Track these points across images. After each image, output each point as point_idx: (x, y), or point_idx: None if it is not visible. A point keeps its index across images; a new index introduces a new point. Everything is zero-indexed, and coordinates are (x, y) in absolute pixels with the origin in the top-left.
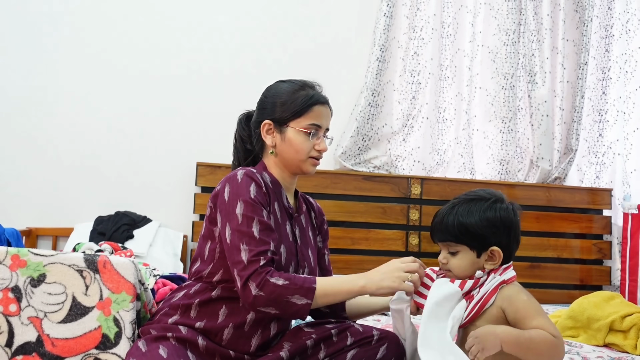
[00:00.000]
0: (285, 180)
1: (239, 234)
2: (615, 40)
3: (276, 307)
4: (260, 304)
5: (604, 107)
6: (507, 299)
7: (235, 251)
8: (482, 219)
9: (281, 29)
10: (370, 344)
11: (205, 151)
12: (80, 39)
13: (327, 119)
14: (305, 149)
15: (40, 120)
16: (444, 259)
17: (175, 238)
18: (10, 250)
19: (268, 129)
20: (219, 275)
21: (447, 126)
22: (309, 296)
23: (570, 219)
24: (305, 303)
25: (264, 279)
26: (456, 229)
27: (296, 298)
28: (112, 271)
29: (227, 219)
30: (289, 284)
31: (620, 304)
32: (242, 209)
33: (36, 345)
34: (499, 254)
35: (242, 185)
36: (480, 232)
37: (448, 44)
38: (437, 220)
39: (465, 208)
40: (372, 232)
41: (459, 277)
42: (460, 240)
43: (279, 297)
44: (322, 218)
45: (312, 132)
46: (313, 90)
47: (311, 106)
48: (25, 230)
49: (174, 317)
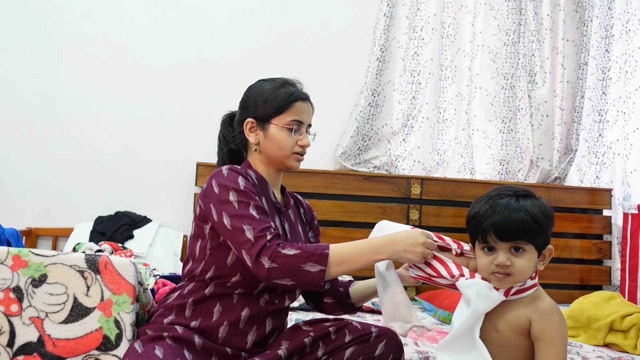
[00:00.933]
0: (271, 176)
1: (239, 218)
2: (616, 41)
3: (291, 277)
4: (275, 276)
5: (604, 107)
6: (540, 313)
7: (239, 233)
8: (545, 213)
9: (281, 30)
10: (369, 341)
11: (205, 151)
12: (80, 41)
13: (308, 114)
14: (288, 145)
15: (41, 120)
16: (507, 260)
17: (175, 238)
18: (11, 251)
19: (251, 127)
20: (211, 272)
21: (447, 126)
22: (322, 262)
23: (570, 219)
24: (319, 270)
25: (275, 251)
26: (530, 225)
27: (309, 265)
28: (113, 272)
29: (222, 208)
30: (300, 252)
31: (620, 304)
32: (236, 196)
33: (37, 346)
34: (550, 254)
35: (230, 177)
36: (544, 226)
37: (448, 44)
38: (501, 217)
39: (528, 203)
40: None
41: (517, 281)
42: (533, 238)
43: (293, 266)
44: (311, 214)
45: (294, 128)
46: (294, 87)
47: (292, 102)
48: (25, 230)
49: (170, 317)
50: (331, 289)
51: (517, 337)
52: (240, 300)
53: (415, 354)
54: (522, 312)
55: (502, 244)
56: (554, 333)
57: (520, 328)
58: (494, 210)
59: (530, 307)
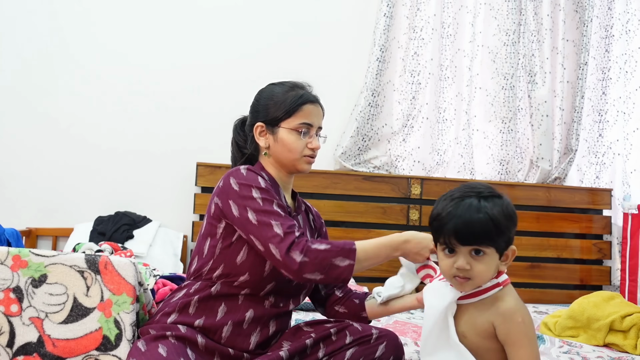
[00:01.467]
0: (282, 180)
1: (265, 213)
2: (615, 41)
3: (321, 271)
4: (307, 270)
5: (604, 107)
6: (501, 317)
7: (267, 227)
8: (506, 214)
9: (281, 30)
10: (369, 342)
11: (205, 151)
12: (80, 40)
13: (318, 117)
14: (298, 148)
15: (41, 120)
16: (467, 264)
17: (175, 238)
18: (11, 251)
19: (261, 131)
20: (219, 271)
21: (447, 126)
22: (351, 257)
23: (570, 219)
24: (348, 264)
25: (305, 246)
26: (490, 227)
27: (339, 260)
28: (113, 272)
29: (245, 204)
30: (330, 247)
31: (620, 304)
32: (259, 193)
33: (37, 346)
34: (513, 254)
35: (249, 177)
36: (505, 227)
37: (448, 44)
38: (461, 220)
39: (488, 203)
40: (372, 232)
41: (477, 284)
42: (493, 242)
43: (324, 260)
44: (320, 221)
45: (304, 131)
46: (303, 90)
47: (301, 105)
48: (25, 231)
49: (173, 315)
50: (344, 297)
51: (486, 342)
52: (245, 301)
53: (415, 354)
54: (485, 317)
55: (462, 247)
56: (519, 334)
57: (486, 332)
58: (455, 213)
59: (492, 309)
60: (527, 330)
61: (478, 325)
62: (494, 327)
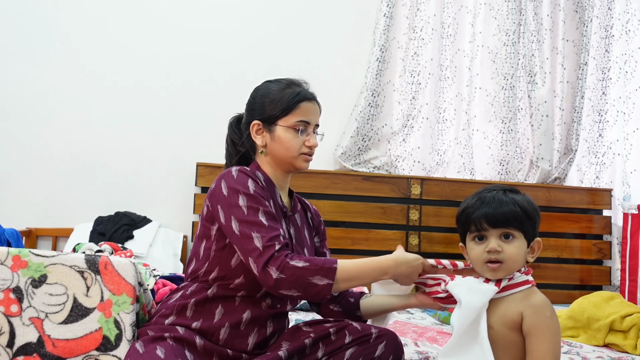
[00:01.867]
0: (279, 179)
1: (247, 224)
2: (615, 41)
3: (298, 289)
4: (282, 287)
5: (604, 107)
6: (532, 308)
7: (247, 240)
8: (533, 207)
9: (280, 30)
10: (369, 342)
11: (205, 151)
12: (80, 40)
13: (315, 115)
14: (295, 146)
15: (40, 120)
16: (499, 246)
17: (175, 238)
18: (11, 251)
19: (257, 129)
20: (215, 273)
21: (447, 126)
22: (329, 276)
23: (570, 219)
24: (326, 283)
25: (283, 262)
26: (518, 212)
27: (317, 279)
28: (113, 272)
29: (231, 212)
30: (309, 265)
31: (620, 304)
32: (245, 200)
33: (37, 346)
34: (539, 247)
35: (239, 180)
36: (534, 219)
37: (448, 45)
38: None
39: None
40: (372, 233)
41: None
42: (522, 225)
43: (300, 278)
44: (319, 219)
45: (301, 129)
46: (299, 87)
47: (298, 103)
48: (25, 231)
49: (171, 317)
50: (339, 296)
51: (511, 334)
52: (242, 303)
53: (415, 354)
54: (515, 307)
55: (492, 230)
56: (544, 328)
57: (513, 323)
58: (483, 202)
59: (523, 302)
60: (553, 325)
61: (508, 316)
62: (522, 317)
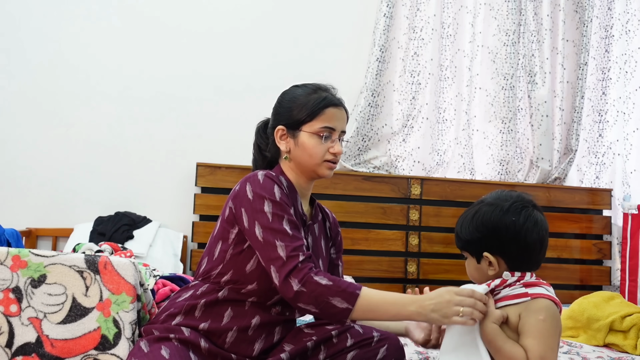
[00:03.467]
0: (301, 186)
1: (272, 231)
2: (615, 41)
3: (316, 306)
4: (302, 301)
5: (604, 107)
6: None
7: (271, 248)
8: (472, 225)
9: (281, 30)
10: (370, 345)
11: (205, 152)
12: (81, 39)
13: (341, 121)
14: (319, 153)
15: (40, 121)
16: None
17: (175, 238)
18: (11, 251)
19: (282, 134)
20: (228, 276)
21: (447, 126)
22: (350, 301)
23: (570, 219)
24: (345, 308)
25: (306, 276)
26: (457, 236)
27: (337, 300)
28: (112, 272)
29: (255, 217)
30: (332, 284)
31: (620, 304)
32: (271, 207)
33: (36, 346)
34: (491, 259)
35: (266, 185)
36: (468, 238)
37: (448, 45)
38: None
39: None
40: (372, 233)
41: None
42: (462, 247)
43: (320, 296)
44: (337, 230)
45: (325, 135)
46: (326, 92)
47: (323, 109)
48: (25, 231)
49: (178, 317)
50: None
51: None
52: (252, 308)
53: (415, 355)
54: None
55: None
56: (534, 327)
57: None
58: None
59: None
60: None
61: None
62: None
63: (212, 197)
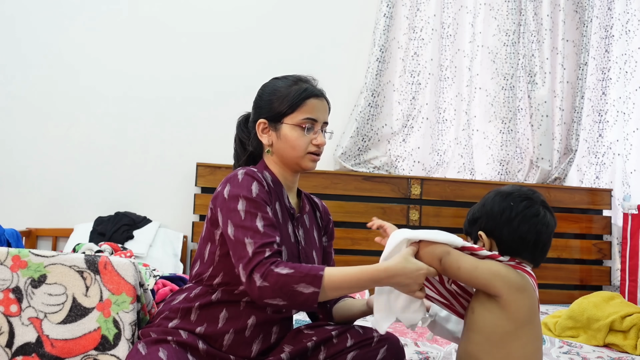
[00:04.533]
0: (287, 179)
1: (243, 229)
2: (615, 41)
3: (283, 297)
4: (266, 296)
5: (604, 107)
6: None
7: (240, 246)
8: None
9: (281, 30)
10: (371, 345)
11: (205, 152)
12: (81, 40)
13: (323, 112)
14: (301, 145)
15: (40, 121)
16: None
17: (175, 238)
18: (11, 251)
19: (263, 127)
20: (219, 278)
21: (447, 126)
22: (315, 284)
23: (570, 219)
24: (312, 292)
25: (267, 269)
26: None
27: (302, 286)
28: (112, 272)
29: (229, 217)
30: (293, 272)
31: (620, 304)
32: (245, 205)
33: (36, 346)
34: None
35: (243, 183)
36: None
37: (448, 45)
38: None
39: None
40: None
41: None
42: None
43: (284, 286)
44: (327, 218)
45: (308, 127)
46: (307, 83)
47: (304, 100)
48: (25, 231)
49: (174, 321)
50: (321, 303)
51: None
52: (247, 308)
53: (415, 355)
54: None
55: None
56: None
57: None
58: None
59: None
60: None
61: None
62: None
63: None
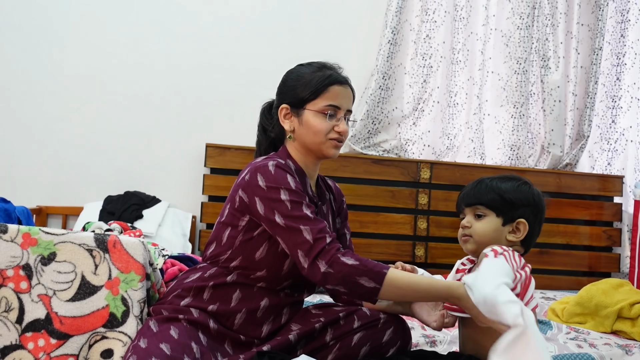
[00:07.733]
0: (308, 166)
1: (293, 218)
2: (631, 26)
3: (345, 286)
4: (330, 282)
5: (618, 93)
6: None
7: (296, 233)
8: (516, 190)
9: (292, 13)
10: (377, 327)
11: (214, 132)
12: (93, 18)
13: (346, 99)
14: (323, 131)
15: (51, 99)
16: (468, 223)
17: (184, 218)
18: (21, 229)
19: (285, 113)
20: (237, 262)
21: (458, 110)
22: (377, 280)
23: (580, 206)
24: (373, 287)
25: (334, 257)
26: (489, 193)
27: (364, 280)
28: (121, 251)
29: (274, 207)
30: (359, 264)
31: (628, 292)
32: (288, 195)
33: (45, 323)
34: (524, 227)
35: (279, 175)
36: (513, 199)
37: (461, 27)
38: (469, 186)
39: (500, 180)
40: (381, 216)
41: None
42: (491, 205)
43: (348, 276)
44: (341, 200)
45: (330, 113)
46: (331, 70)
47: (327, 86)
48: (36, 209)
49: (187, 299)
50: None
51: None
52: (260, 290)
53: (421, 338)
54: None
55: (466, 209)
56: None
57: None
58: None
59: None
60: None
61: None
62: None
63: (221, 178)
